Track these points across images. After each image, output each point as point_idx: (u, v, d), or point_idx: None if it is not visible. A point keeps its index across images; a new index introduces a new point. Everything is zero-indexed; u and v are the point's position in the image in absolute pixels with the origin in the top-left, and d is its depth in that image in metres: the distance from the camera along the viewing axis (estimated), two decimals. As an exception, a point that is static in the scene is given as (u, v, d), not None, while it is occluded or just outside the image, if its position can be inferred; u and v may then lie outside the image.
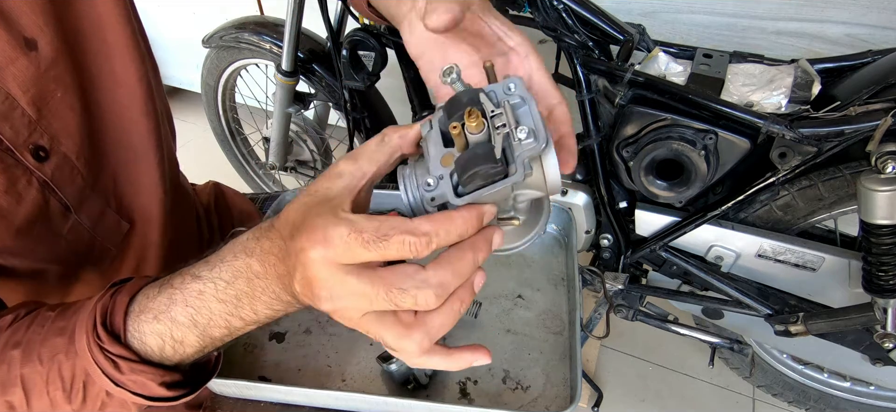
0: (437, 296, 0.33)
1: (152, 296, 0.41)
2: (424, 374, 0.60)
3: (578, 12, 0.91)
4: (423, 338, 0.34)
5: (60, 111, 0.50)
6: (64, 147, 0.51)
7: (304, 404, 0.59)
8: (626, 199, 1.05)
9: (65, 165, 0.51)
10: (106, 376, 0.41)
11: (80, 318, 0.42)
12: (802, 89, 0.83)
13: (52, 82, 0.49)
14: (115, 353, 0.40)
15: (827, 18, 1.17)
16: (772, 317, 0.95)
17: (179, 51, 2.26)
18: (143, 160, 0.61)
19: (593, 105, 0.96)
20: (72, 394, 0.42)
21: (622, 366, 1.45)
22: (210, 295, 0.39)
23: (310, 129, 1.51)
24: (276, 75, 1.28)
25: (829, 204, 0.86)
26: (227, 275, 0.39)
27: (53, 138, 0.50)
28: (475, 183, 0.33)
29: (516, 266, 0.77)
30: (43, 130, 0.49)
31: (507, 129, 0.32)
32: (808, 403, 1.21)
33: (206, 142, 1.81)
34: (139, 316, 0.41)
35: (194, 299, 0.40)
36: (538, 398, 0.60)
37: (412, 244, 0.32)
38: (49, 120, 0.49)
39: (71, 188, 0.52)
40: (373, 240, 0.32)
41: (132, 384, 0.41)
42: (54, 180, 0.50)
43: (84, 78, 0.53)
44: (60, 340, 0.42)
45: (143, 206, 0.62)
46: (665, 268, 1.05)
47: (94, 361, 0.40)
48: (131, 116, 0.59)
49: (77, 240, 0.54)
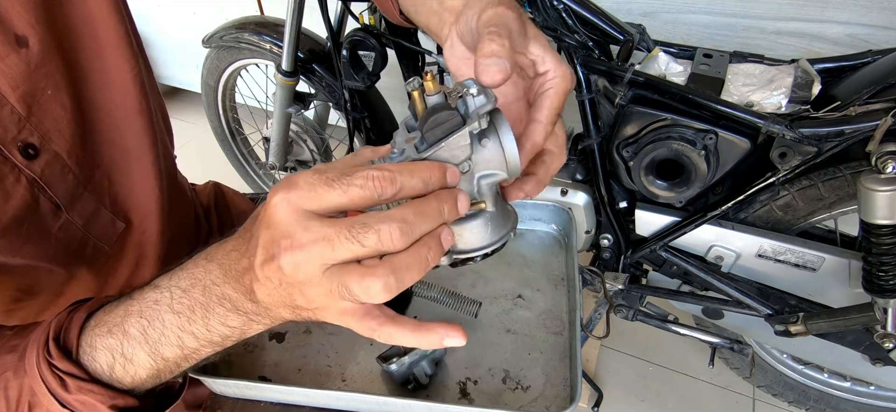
0: (401, 230, 0.32)
1: (110, 309, 0.40)
2: (425, 374, 0.60)
3: (578, 12, 0.91)
4: (389, 275, 0.31)
5: (51, 109, 0.50)
6: (55, 145, 0.51)
7: (304, 404, 0.59)
8: (626, 198, 1.05)
9: (55, 163, 0.51)
10: (52, 395, 0.39)
11: (35, 335, 0.40)
12: (802, 89, 0.83)
13: (42, 79, 0.49)
14: (63, 370, 0.38)
15: (827, 18, 1.17)
16: (772, 317, 0.95)
17: (179, 51, 2.26)
18: (138, 159, 0.61)
19: (593, 105, 0.96)
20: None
21: (622, 366, 1.44)
22: (165, 305, 0.38)
23: (310, 129, 1.51)
24: (276, 75, 1.28)
25: (830, 204, 0.86)
26: (184, 283, 0.38)
27: (44, 136, 0.49)
28: (436, 133, 0.34)
29: (516, 266, 0.77)
30: (33, 128, 0.48)
31: (461, 91, 0.35)
32: (808, 403, 1.21)
33: (206, 142, 1.81)
34: (94, 329, 0.40)
35: (149, 310, 0.38)
36: (538, 398, 0.60)
37: (376, 178, 0.32)
38: (39, 117, 0.49)
39: (62, 186, 0.52)
40: (336, 178, 0.32)
41: (79, 405, 0.39)
42: (44, 178, 0.50)
43: (76, 76, 0.53)
44: (10, 358, 0.41)
45: (139, 205, 0.62)
46: (665, 269, 1.05)
47: (42, 379, 0.38)
48: (125, 115, 0.58)
49: (69, 238, 0.54)
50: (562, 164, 0.44)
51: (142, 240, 0.63)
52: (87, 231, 0.56)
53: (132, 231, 0.62)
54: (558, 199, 1.07)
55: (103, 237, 0.57)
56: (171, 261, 0.44)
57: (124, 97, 0.58)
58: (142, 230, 0.63)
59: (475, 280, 0.75)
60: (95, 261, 0.58)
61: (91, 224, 0.56)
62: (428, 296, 0.68)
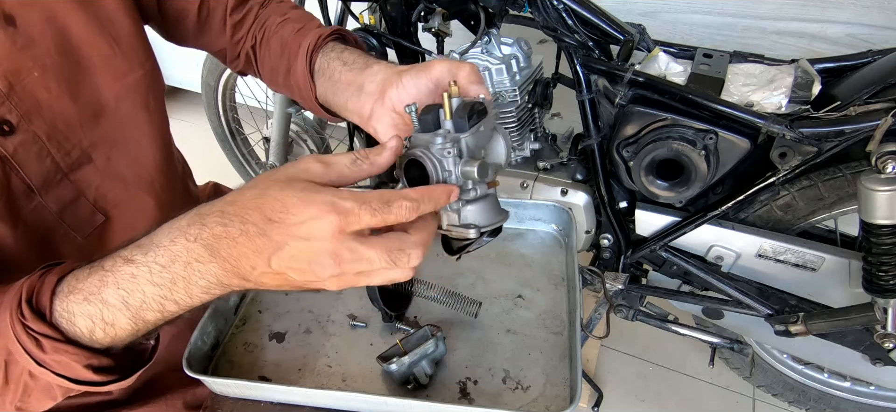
0: (423, 251, 0.41)
1: (82, 278, 0.41)
2: (424, 374, 0.60)
3: (578, 12, 0.91)
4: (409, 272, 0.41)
5: (35, 91, 0.51)
6: (34, 126, 0.51)
7: (304, 404, 0.59)
8: (627, 198, 1.05)
9: (32, 144, 0.51)
10: (28, 355, 0.40)
11: (6, 298, 0.41)
12: (803, 89, 0.83)
13: (29, 60, 0.50)
14: (38, 331, 0.39)
15: (827, 18, 1.17)
16: (772, 317, 0.95)
17: (179, 51, 2.25)
18: (136, 156, 0.61)
19: (593, 105, 0.96)
20: None
21: (622, 366, 1.44)
22: (144, 278, 0.39)
23: (310, 129, 1.51)
24: (276, 75, 1.28)
25: (830, 204, 0.86)
26: (162, 260, 0.39)
27: (23, 115, 0.50)
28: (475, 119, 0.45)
29: (516, 266, 0.77)
30: (12, 106, 0.49)
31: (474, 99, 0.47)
32: (808, 403, 1.21)
33: (206, 142, 1.81)
34: (68, 296, 0.40)
35: (126, 282, 0.40)
36: (538, 398, 0.60)
37: (408, 208, 0.39)
38: (21, 97, 0.50)
39: (37, 168, 0.52)
40: (379, 207, 0.38)
41: (55, 364, 0.40)
42: (17, 157, 0.50)
43: (75, 66, 0.54)
44: None
45: (130, 202, 0.62)
46: (665, 268, 1.05)
47: (17, 339, 0.39)
48: (132, 111, 0.59)
49: (38, 222, 0.54)
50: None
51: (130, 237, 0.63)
52: (61, 217, 0.56)
53: (113, 226, 0.62)
54: (558, 199, 1.07)
55: (78, 226, 0.57)
56: None
57: (132, 95, 0.59)
58: (130, 227, 0.63)
59: (475, 280, 0.75)
60: (63, 247, 0.57)
61: (67, 212, 0.56)
62: (428, 296, 0.68)
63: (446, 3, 0.98)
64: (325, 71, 0.61)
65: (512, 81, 1.01)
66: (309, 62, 0.62)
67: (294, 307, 0.71)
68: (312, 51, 0.61)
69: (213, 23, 0.69)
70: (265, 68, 0.69)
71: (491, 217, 0.47)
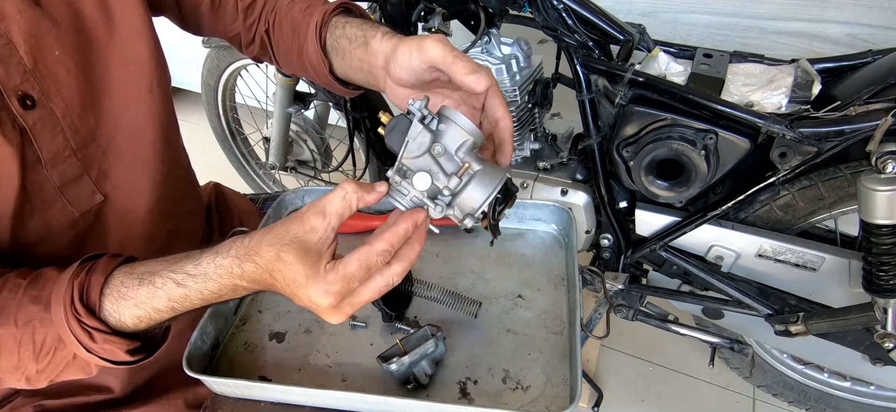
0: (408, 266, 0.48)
1: (132, 287, 0.48)
2: (424, 374, 0.60)
3: (578, 12, 0.91)
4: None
5: (55, 69, 0.53)
6: (52, 103, 0.53)
7: (304, 404, 0.59)
8: (627, 198, 1.05)
9: (48, 119, 0.53)
10: (79, 343, 0.47)
11: (57, 291, 0.47)
12: (803, 89, 0.83)
13: (51, 40, 0.52)
14: (92, 326, 0.47)
15: (827, 18, 1.17)
16: (772, 317, 0.95)
17: (179, 51, 2.25)
18: (140, 139, 0.63)
19: (593, 105, 0.96)
20: (39, 355, 0.48)
21: (622, 366, 1.44)
22: (195, 297, 0.48)
23: (310, 129, 1.51)
24: (277, 75, 1.28)
25: (830, 204, 0.86)
26: (212, 287, 0.47)
27: (44, 92, 0.53)
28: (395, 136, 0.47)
29: (516, 266, 0.77)
30: (35, 82, 0.52)
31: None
32: (808, 403, 1.21)
33: (206, 142, 1.81)
34: (118, 301, 0.47)
35: (178, 299, 0.48)
36: (538, 398, 0.60)
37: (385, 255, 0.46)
38: (43, 74, 0.52)
39: (49, 143, 0.54)
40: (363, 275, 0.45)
41: (102, 351, 0.48)
42: (34, 131, 0.52)
43: (88, 48, 0.56)
44: (35, 308, 0.47)
45: (129, 184, 0.63)
46: (665, 268, 1.05)
47: (71, 331, 0.46)
48: (136, 94, 0.61)
49: (38, 193, 0.55)
50: (511, 121, 0.54)
51: (127, 218, 0.64)
52: (62, 192, 0.57)
53: (112, 207, 0.63)
54: (558, 198, 1.07)
55: (76, 202, 0.59)
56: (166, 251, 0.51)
57: (140, 79, 0.61)
58: (128, 208, 0.64)
59: (475, 280, 0.75)
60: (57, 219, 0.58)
61: (68, 187, 0.57)
62: (428, 296, 0.68)
63: (446, 3, 0.98)
64: (336, 49, 0.64)
65: (512, 81, 1.01)
66: (319, 38, 0.64)
67: (294, 307, 0.71)
68: (320, 27, 0.64)
69: (226, 8, 0.71)
70: (280, 51, 0.72)
71: (483, 192, 0.47)
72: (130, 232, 0.65)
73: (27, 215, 0.55)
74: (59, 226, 0.58)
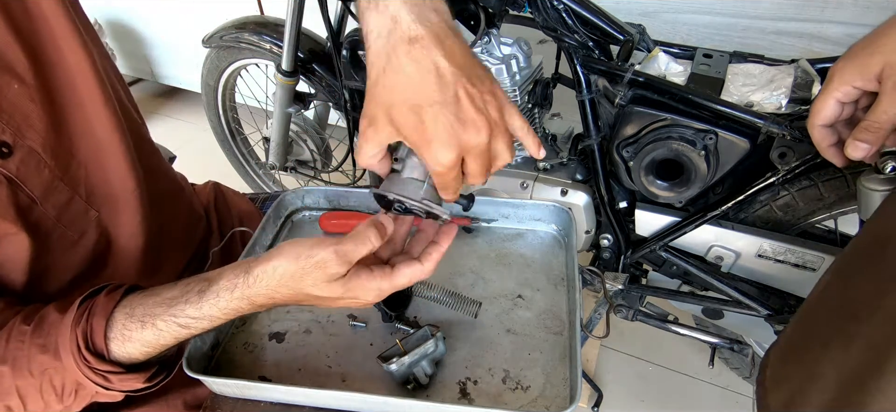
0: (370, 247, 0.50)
1: (135, 330, 0.48)
2: (424, 374, 0.60)
3: (578, 12, 0.91)
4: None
5: (20, 103, 0.50)
6: (29, 140, 0.51)
7: (304, 404, 0.59)
8: (626, 198, 1.05)
9: (30, 159, 0.51)
10: (97, 385, 0.48)
11: (61, 340, 0.48)
12: (802, 89, 0.83)
13: (5, 74, 0.48)
14: (104, 370, 0.48)
15: (827, 18, 1.17)
16: (772, 317, 0.95)
17: (179, 51, 2.26)
18: (109, 148, 0.61)
19: (593, 105, 0.96)
20: (64, 397, 0.50)
21: (622, 366, 1.44)
22: (197, 329, 0.50)
23: (310, 129, 1.51)
24: (277, 75, 1.28)
25: (829, 204, 0.86)
26: (218, 321, 0.49)
27: (16, 132, 0.50)
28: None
29: (516, 266, 0.77)
30: (4, 125, 0.49)
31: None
32: (808, 403, 1.21)
33: (206, 142, 1.81)
34: (124, 343, 0.48)
35: (183, 333, 0.50)
36: (538, 398, 0.60)
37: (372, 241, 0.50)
38: (9, 113, 0.49)
39: (38, 181, 0.52)
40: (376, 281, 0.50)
41: (121, 386, 0.50)
42: (20, 175, 0.50)
43: (41, 67, 0.52)
44: (46, 357, 0.48)
45: (114, 194, 0.62)
46: (665, 269, 1.05)
47: (86, 377, 0.48)
48: (94, 107, 0.58)
49: (38, 229, 0.54)
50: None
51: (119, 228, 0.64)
52: (58, 221, 0.56)
53: (106, 219, 0.62)
54: (558, 199, 1.07)
55: (72, 225, 0.58)
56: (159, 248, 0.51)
57: (90, 88, 0.57)
58: (118, 218, 0.63)
59: (475, 280, 0.75)
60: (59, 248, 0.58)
61: (63, 214, 0.56)
62: (428, 296, 0.68)
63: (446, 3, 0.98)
64: None
65: (512, 81, 1.01)
66: None
67: (294, 307, 0.71)
68: None
69: None
70: None
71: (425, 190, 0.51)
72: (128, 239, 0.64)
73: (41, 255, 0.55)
74: (62, 254, 0.57)
